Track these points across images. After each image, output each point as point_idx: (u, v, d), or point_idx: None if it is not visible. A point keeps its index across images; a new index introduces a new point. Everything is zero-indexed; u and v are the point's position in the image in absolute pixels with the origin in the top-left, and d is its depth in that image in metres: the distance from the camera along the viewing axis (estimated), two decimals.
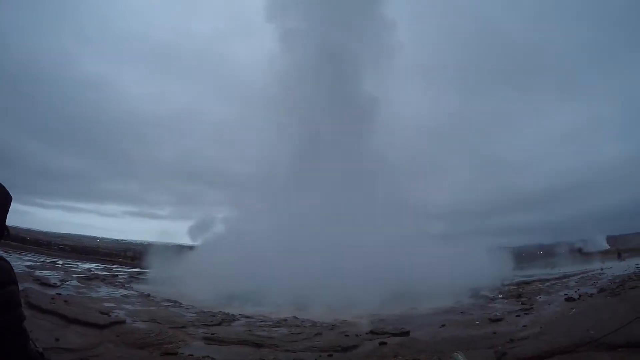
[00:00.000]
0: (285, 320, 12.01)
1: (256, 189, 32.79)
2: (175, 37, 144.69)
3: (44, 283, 13.32)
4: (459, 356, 4.07)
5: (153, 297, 15.18)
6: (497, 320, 10.56)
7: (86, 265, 24.36)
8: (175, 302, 14.61)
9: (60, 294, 11.71)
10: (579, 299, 12.46)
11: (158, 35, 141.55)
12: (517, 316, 10.90)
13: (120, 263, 34.64)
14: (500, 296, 16.24)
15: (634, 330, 6.47)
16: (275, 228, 27.79)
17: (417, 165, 33.80)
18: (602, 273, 20.51)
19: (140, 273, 24.75)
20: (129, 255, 46.85)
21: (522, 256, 35.13)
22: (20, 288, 6.16)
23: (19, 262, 18.08)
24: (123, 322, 9.48)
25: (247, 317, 12.46)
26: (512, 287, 19.17)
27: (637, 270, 19.09)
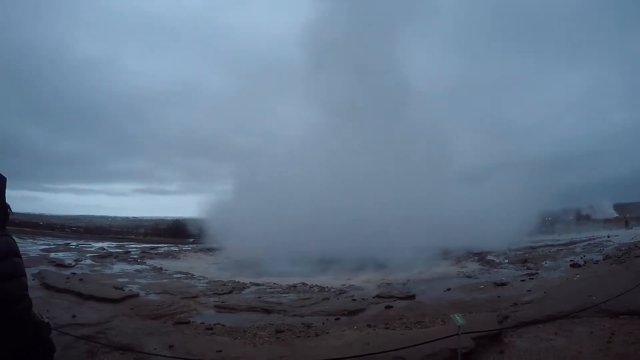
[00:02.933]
0: (295, 286, 12.40)
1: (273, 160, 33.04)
2: (169, 10, 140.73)
3: (59, 264, 13.79)
4: (457, 317, 4.23)
5: (165, 270, 15.65)
6: (502, 284, 10.74)
7: (99, 244, 24.97)
8: (186, 273, 15.08)
9: (75, 273, 12.14)
10: (584, 265, 12.59)
11: (151, 10, 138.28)
12: (522, 281, 11.06)
13: (132, 240, 35.39)
14: (507, 261, 16.45)
15: (636, 298, 6.61)
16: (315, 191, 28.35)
17: (434, 129, 33.68)
18: (609, 240, 20.59)
19: (152, 248, 25.34)
20: (141, 231, 47.82)
21: (530, 221, 35.28)
22: (36, 270, 6.56)
23: (34, 247, 18.61)
24: (137, 295, 9.85)
25: (257, 284, 12.87)
26: (518, 252, 19.38)
27: None
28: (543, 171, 34.41)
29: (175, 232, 45.94)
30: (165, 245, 29.82)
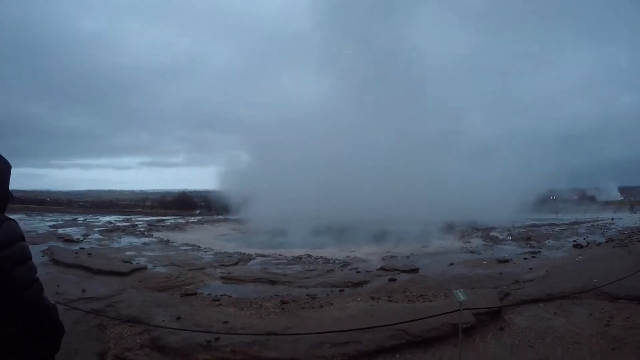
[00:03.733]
0: (300, 258, 12.57)
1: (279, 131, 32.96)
2: None
3: (67, 240, 14.01)
4: (459, 293, 4.25)
5: (172, 242, 15.90)
6: (505, 261, 10.80)
7: (107, 219, 25.31)
8: (193, 245, 15.30)
9: (83, 248, 12.35)
10: (586, 246, 12.59)
11: None
12: (524, 259, 11.11)
13: (139, 213, 35.80)
14: (510, 238, 16.50)
15: (637, 283, 6.66)
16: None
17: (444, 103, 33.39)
18: (612, 223, 20.58)
19: (159, 221, 25.65)
20: (148, 204, 48.33)
21: (535, 199, 35.32)
22: (45, 246, 6.61)
23: (42, 224, 18.90)
24: (144, 268, 10.02)
25: (263, 256, 13.04)
26: (522, 230, 19.39)
27: None
28: (550, 150, 34.18)
29: (182, 204, 46.45)
30: (172, 217, 30.18)
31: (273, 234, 22.99)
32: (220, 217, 33.28)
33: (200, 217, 31.64)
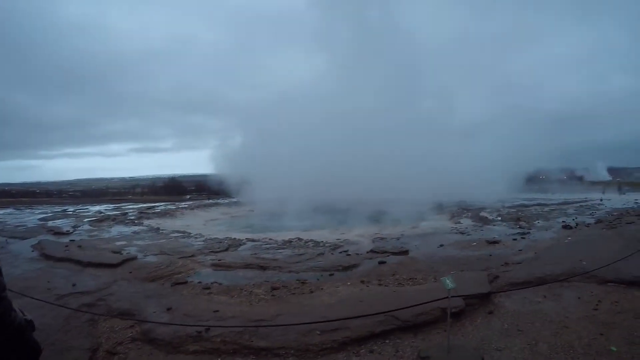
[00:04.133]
0: (290, 241, 12.60)
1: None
2: None
3: (57, 232, 13.92)
4: (448, 281, 4.31)
5: (162, 230, 15.86)
6: (494, 242, 10.90)
7: (97, 208, 25.15)
8: (183, 232, 15.29)
9: (73, 240, 12.28)
10: (575, 227, 12.72)
11: None
12: (514, 240, 11.24)
13: (130, 200, 35.59)
14: (499, 219, 16.59)
15: (625, 266, 6.71)
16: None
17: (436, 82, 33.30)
18: (601, 204, 20.78)
19: (149, 208, 25.54)
20: (138, 191, 48.01)
21: (524, 179, 35.57)
22: (35, 241, 6.57)
23: (32, 217, 18.72)
24: (134, 258, 9.99)
25: (253, 240, 13.07)
26: (511, 210, 19.53)
27: (635, 206, 19.41)
28: (539, 129, 34.30)
29: (172, 189, 46.23)
30: (162, 203, 30.06)
31: (264, 216, 23.07)
32: (210, 201, 33.22)
33: (190, 203, 31.55)
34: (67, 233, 13.94)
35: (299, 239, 13.05)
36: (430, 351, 4.36)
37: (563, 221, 14.15)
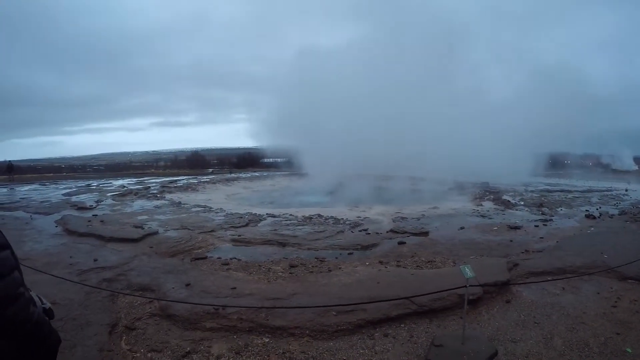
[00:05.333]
0: (310, 218, 12.53)
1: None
2: None
3: (80, 207, 14.17)
4: (467, 270, 4.13)
5: (184, 204, 16.01)
6: (516, 228, 10.61)
7: (120, 182, 25.62)
8: (205, 206, 15.40)
9: (96, 215, 12.52)
10: (599, 217, 12.24)
11: None
12: (535, 226, 10.91)
13: (152, 174, 36.19)
14: (522, 203, 16.08)
15: None
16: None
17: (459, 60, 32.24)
18: (626, 194, 19.82)
19: (171, 182, 25.89)
20: (161, 165, 48.83)
21: (548, 163, 34.20)
22: (59, 216, 6.62)
23: (56, 192, 19.16)
24: (155, 233, 10.12)
25: (274, 216, 13.06)
26: (534, 195, 18.92)
27: None
28: (566, 111, 32.70)
29: (194, 163, 46.80)
30: (185, 177, 30.44)
31: (287, 191, 23.15)
32: (232, 175, 33.49)
33: (212, 177, 31.84)
34: (90, 208, 14.20)
35: (320, 216, 12.97)
36: (445, 339, 4.28)
37: (586, 210, 13.64)
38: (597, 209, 13.88)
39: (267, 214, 13.57)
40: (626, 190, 21.94)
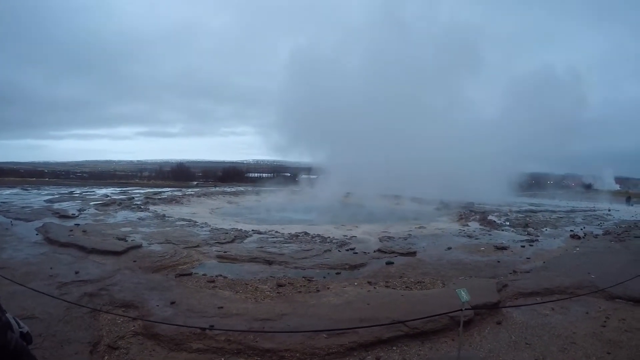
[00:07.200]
0: (297, 236, 12.41)
1: None
2: None
3: (62, 215, 13.81)
4: (463, 293, 4.14)
5: (168, 217, 15.76)
6: (502, 248, 10.74)
7: (103, 191, 25.14)
8: (189, 220, 15.18)
9: (78, 224, 12.21)
10: (584, 237, 12.51)
11: None
12: (522, 247, 11.07)
13: (136, 184, 35.64)
14: (508, 223, 16.32)
15: (633, 283, 6.55)
16: None
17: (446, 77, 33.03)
18: (609, 214, 20.37)
19: (155, 193, 25.51)
20: (145, 175, 48.12)
21: (532, 183, 35.07)
22: (40, 224, 6.44)
23: (38, 198, 18.67)
24: (139, 246, 9.89)
25: (259, 232, 12.92)
26: (519, 215, 19.26)
27: None
28: (549, 132, 33.65)
29: (179, 175, 46.25)
30: (169, 189, 30.09)
31: (271, 207, 23.01)
32: (217, 189, 33.19)
33: (197, 189, 31.51)
34: (73, 217, 13.86)
35: (306, 234, 12.87)
36: None
37: (571, 230, 13.90)
38: (581, 229, 14.14)
39: (252, 230, 13.42)
40: (609, 211, 22.40)
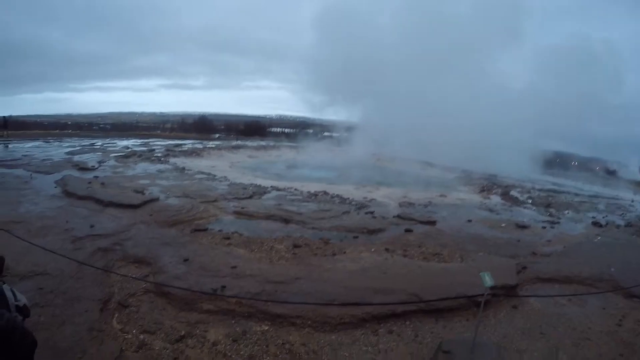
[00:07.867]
0: (316, 195, 12.12)
1: None
2: None
3: (82, 167, 13.81)
4: (487, 277, 3.79)
5: (188, 170, 15.67)
6: (523, 227, 10.21)
7: (124, 143, 25.25)
8: (208, 174, 15.06)
9: (97, 177, 12.20)
10: (605, 226, 11.73)
11: None
12: (543, 227, 10.52)
13: (158, 136, 35.75)
14: (530, 201, 15.52)
15: None
16: None
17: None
18: (632, 205, 18.95)
19: (176, 145, 25.51)
20: (167, 127, 48.29)
21: (556, 162, 33.14)
22: (60, 176, 6.19)
23: (59, 150, 18.77)
24: (157, 199, 9.85)
25: (278, 189, 12.67)
26: (542, 194, 18.26)
27: None
28: (578, 111, 31.47)
29: (201, 127, 46.12)
30: (190, 141, 30.00)
31: (291, 162, 22.79)
32: (238, 142, 33.01)
33: (218, 142, 31.36)
34: (92, 169, 13.90)
35: (325, 193, 12.56)
36: (453, 345, 4.01)
37: (593, 217, 13.13)
38: (603, 217, 13.42)
39: (271, 186, 13.18)
40: (632, 201, 21.27)
